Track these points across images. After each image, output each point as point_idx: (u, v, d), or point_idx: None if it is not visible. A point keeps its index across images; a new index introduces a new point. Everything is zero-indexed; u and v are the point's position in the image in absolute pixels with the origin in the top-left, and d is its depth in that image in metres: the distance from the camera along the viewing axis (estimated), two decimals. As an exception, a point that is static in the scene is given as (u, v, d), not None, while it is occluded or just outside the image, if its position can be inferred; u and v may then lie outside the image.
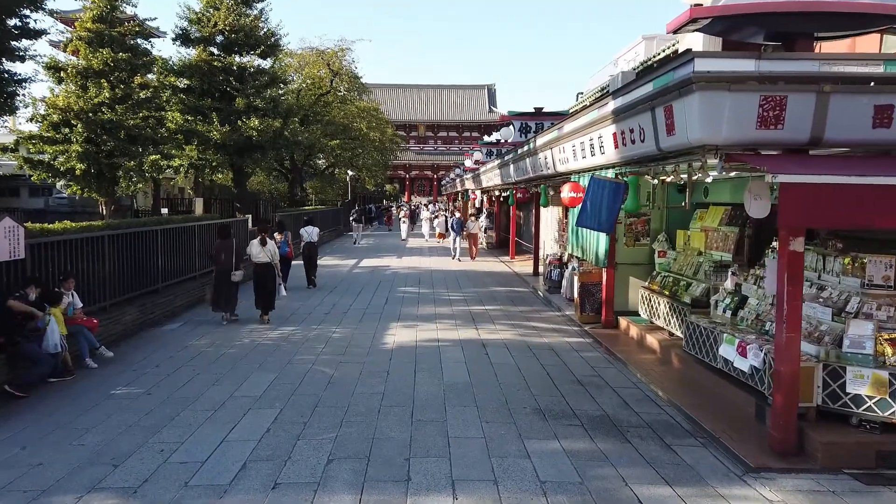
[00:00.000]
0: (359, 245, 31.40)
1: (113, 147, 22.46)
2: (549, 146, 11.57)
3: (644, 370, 8.81)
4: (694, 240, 10.27)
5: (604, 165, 9.15)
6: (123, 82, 23.06)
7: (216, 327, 11.46)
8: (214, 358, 9.26)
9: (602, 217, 8.78)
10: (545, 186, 13.94)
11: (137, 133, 22.75)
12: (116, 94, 22.46)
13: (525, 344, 10.31)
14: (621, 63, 58.17)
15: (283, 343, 10.20)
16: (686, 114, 5.76)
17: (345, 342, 10.27)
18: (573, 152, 10.07)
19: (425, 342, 10.32)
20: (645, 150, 6.99)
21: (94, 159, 22.35)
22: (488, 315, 12.86)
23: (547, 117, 18.59)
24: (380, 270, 20.58)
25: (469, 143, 73.25)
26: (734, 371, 7.25)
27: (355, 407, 7.10)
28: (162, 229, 12.92)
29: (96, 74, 22.57)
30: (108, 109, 21.90)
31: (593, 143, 8.86)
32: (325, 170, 42.85)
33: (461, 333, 11.01)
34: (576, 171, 10.66)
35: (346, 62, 36.30)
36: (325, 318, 12.39)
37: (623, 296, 11.88)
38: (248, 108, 24.83)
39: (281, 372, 8.51)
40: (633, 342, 10.61)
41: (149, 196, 37.47)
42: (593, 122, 8.53)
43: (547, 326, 11.84)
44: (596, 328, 11.64)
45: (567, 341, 10.61)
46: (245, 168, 27.04)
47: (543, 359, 9.37)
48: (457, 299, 14.83)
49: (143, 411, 6.95)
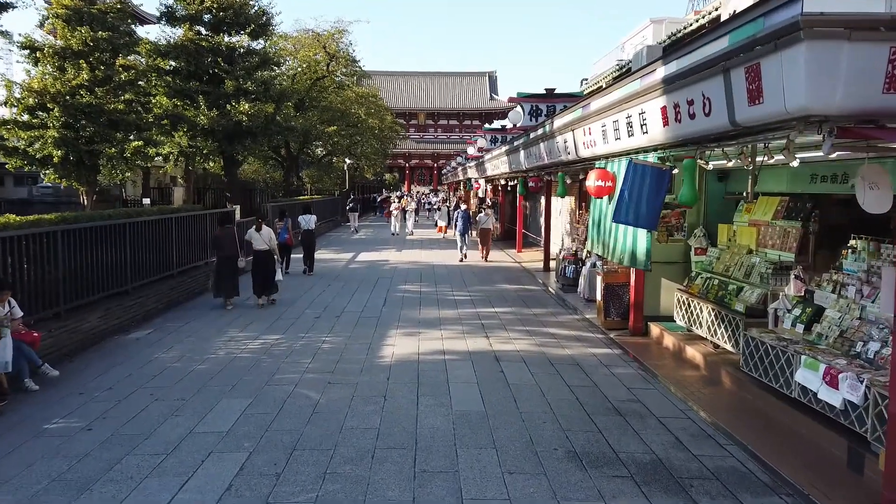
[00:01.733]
0: (356, 237, 29.94)
1: (93, 133, 20.91)
2: (570, 127, 10.08)
3: (691, 393, 7.38)
4: (742, 236, 8.81)
5: (642, 148, 7.66)
6: (104, 63, 21.57)
7: (189, 335, 10.03)
8: (181, 376, 7.83)
9: (642, 210, 7.31)
10: (563, 174, 12.46)
11: (119, 118, 21.26)
12: (97, 75, 20.96)
13: (545, 357, 8.87)
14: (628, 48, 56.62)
15: (263, 357, 8.76)
16: (784, 74, 4.28)
17: (335, 355, 8.83)
18: (602, 133, 8.58)
19: (429, 355, 8.88)
20: (709, 125, 5.52)
21: (73, 146, 20.81)
22: (499, 319, 11.42)
23: (559, 99, 17.08)
24: (378, 265, 19.12)
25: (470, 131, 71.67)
26: (817, 404, 5.82)
27: (343, 449, 5.67)
28: (132, 222, 11.44)
29: (75, 55, 21.04)
30: (86, 92, 20.41)
31: (631, 120, 7.38)
32: (322, 158, 41.28)
33: (470, 343, 9.57)
34: (604, 156, 9.18)
35: (342, 45, 34.65)
36: (315, 323, 10.95)
37: (654, 299, 10.44)
38: (237, 92, 23.26)
39: (257, 397, 7.07)
40: (670, 354, 9.18)
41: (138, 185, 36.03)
42: (632, 95, 7.05)
43: (566, 333, 10.40)
44: (623, 336, 10.21)
45: (592, 353, 9.17)
46: (236, 156, 25.49)
47: (569, 377, 7.93)
48: (462, 299, 13.39)
49: (76, 456, 5.52)
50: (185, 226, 14.03)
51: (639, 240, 7.83)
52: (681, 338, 9.30)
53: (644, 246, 7.74)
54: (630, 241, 8.08)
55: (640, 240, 7.80)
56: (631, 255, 8.03)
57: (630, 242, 8.08)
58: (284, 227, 16.68)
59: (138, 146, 21.36)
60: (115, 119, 21.08)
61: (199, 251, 14.92)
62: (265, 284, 12.59)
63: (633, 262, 8.04)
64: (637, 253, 7.89)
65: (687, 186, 6.50)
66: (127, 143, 21.41)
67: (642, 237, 7.76)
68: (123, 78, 22.13)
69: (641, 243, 7.79)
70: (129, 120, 21.51)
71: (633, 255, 7.98)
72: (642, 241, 7.77)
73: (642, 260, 7.78)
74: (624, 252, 8.24)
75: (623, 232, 8.30)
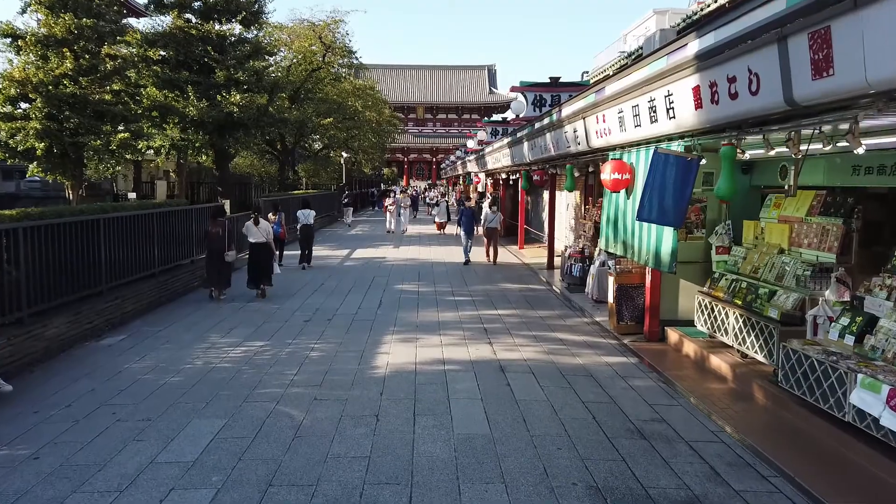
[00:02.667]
0: (352, 233, 29.12)
1: (77, 124, 20.05)
2: (580, 115, 9.27)
3: (721, 411, 6.58)
4: (772, 233, 7.99)
5: (666, 136, 6.85)
6: (89, 52, 20.71)
7: (167, 341, 9.21)
8: (150, 391, 7.01)
9: (667, 205, 6.50)
10: (571, 167, 11.63)
11: (105, 109, 20.39)
12: (82, 64, 20.09)
13: (555, 367, 8.05)
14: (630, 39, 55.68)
15: (244, 367, 7.94)
16: (866, 37, 3.46)
17: (324, 365, 8.01)
18: (618, 120, 7.77)
19: (428, 365, 8.06)
20: (757, 106, 4.70)
21: (57, 138, 19.92)
22: (503, 323, 10.61)
23: (565, 88, 16.26)
24: (374, 263, 18.30)
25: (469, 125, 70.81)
26: (878, 430, 5.02)
27: (327, 486, 4.85)
28: (107, 219, 10.60)
29: (58, 43, 20.16)
30: (70, 82, 19.52)
31: (655, 104, 6.57)
32: (319, 152, 40.38)
33: (472, 351, 8.75)
34: (620, 146, 8.36)
35: (339, 35, 33.71)
36: (305, 327, 10.13)
37: (671, 302, 9.64)
38: (228, 82, 22.41)
39: (233, 416, 6.26)
40: (691, 364, 8.37)
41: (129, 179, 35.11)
42: (657, 75, 6.23)
43: (577, 339, 9.60)
44: (638, 342, 9.41)
45: (606, 362, 8.37)
46: (228, 149, 24.61)
47: (583, 391, 7.13)
48: (463, 300, 12.58)
49: (11, 494, 4.71)
50: (168, 221, 13.18)
51: (664, 239, 7.00)
52: (703, 345, 8.49)
53: (669, 246, 6.91)
54: (653, 240, 7.26)
55: (666, 239, 6.98)
56: (655, 255, 7.21)
57: (653, 242, 7.25)
58: (277, 222, 16.45)
59: (125, 138, 20.49)
60: (100, 110, 20.23)
61: (184, 248, 14.09)
62: (261, 276, 12.76)
63: (658, 264, 7.21)
64: (661, 253, 7.06)
65: (726, 178, 5.67)
66: (113, 136, 20.57)
67: (668, 236, 6.94)
68: (109, 67, 21.31)
69: (667, 243, 6.96)
70: (116, 111, 20.66)
71: (657, 256, 7.16)
72: (668, 241, 6.94)
73: (667, 261, 6.95)
74: (648, 252, 7.41)
75: (646, 230, 7.47)
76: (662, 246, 7.03)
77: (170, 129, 22.70)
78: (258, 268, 12.77)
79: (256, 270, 12.78)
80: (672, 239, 6.88)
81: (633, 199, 8.09)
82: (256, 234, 12.83)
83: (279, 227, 16.40)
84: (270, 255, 13.06)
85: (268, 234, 12.98)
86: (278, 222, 16.49)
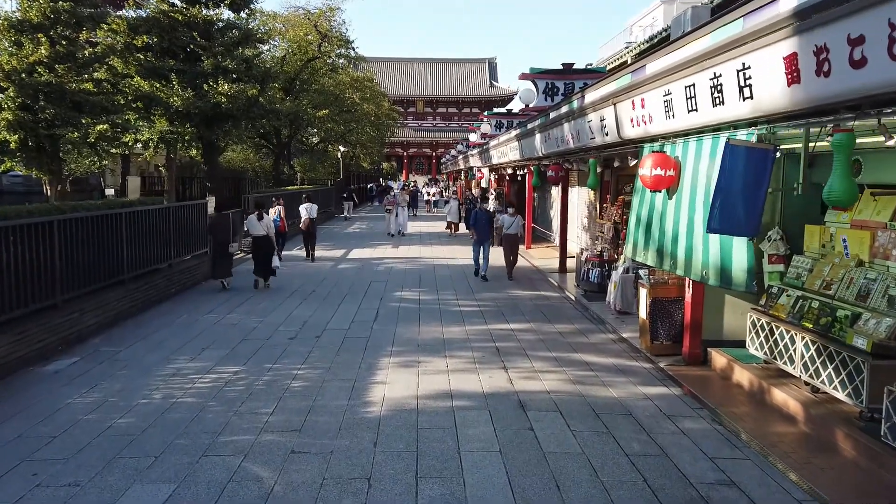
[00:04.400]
0: (350, 230, 27.76)
1: (54, 115, 18.66)
2: (610, 101, 7.89)
3: (801, 467, 5.22)
4: (851, 242, 6.63)
5: (731, 123, 5.48)
6: (66, 38, 19.32)
7: (125, 366, 7.85)
8: (90, 438, 5.66)
9: (739, 210, 5.14)
10: (594, 161, 10.24)
11: (84, 99, 19.00)
12: (58, 51, 18.69)
13: (585, 402, 6.70)
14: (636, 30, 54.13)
15: (211, 403, 6.58)
16: None
17: (307, 400, 6.65)
18: (664, 105, 6.39)
19: (432, 400, 6.70)
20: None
21: (31, 130, 18.54)
22: (517, 340, 9.25)
23: (580, 75, 14.89)
24: (371, 265, 16.93)
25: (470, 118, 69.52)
26: None
27: None
28: (63, 220, 9.24)
29: (33, 28, 18.75)
30: (45, 70, 18.11)
31: (720, 83, 5.19)
32: (316, 146, 38.96)
33: (485, 380, 7.39)
34: (663, 136, 6.99)
35: (335, 24, 32.26)
36: (289, 346, 8.78)
37: (716, 319, 8.29)
38: (216, 70, 20.98)
39: (185, 479, 4.90)
40: (747, 398, 7.01)
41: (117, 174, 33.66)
42: (726, 45, 4.86)
43: (605, 362, 8.24)
44: (676, 366, 8.06)
45: (645, 394, 7.01)
46: (217, 141, 23.18)
47: (625, 438, 5.78)
48: (470, 311, 11.22)
49: None
50: (141, 222, 11.82)
51: (734, 251, 5.57)
52: (759, 373, 7.14)
53: (744, 260, 5.47)
54: (716, 251, 5.84)
55: (737, 251, 5.55)
56: (719, 271, 5.79)
57: (716, 253, 5.83)
58: (277, 216, 17.14)
59: (103, 130, 19.06)
60: (79, 100, 18.84)
61: (161, 251, 12.73)
62: (265, 267, 13.42)
63: (724, 281, 5.77)
64: (731, 269, 5.63)
65: (841, 176, 4.26)
66: (92, 128, 19.17)
67: (739, 247, 5.52)
68: (88, 54, 19.91)
69: (739, 256, 5.53)
70: (96, 101, 19.25)
71: (723, 272, 5.73)
72: (740, 253, 5.51)
73: (742, 279, 5.51)
74: (705, 266, 6.01)
75: (701, 238, 6.07)
76: (733, 260, 5.61)
77: (157, 121, 21.33)
78: (260, 259, 13.46)
79: (259, 262, 13.47)
80: (746, 251, 5.48)
81: (676, 201, 6.73)
82: (258, 228, 13.49)
83: (279, 219, 17.14)
84: (271, 249, 13.61)
85: (269, 228, 13.67)
86: (277, 216, 17.16)
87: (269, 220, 13.92)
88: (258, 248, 13.57)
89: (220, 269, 13.57)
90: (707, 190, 5.98)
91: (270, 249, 13.64)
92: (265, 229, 13.58)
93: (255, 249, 13.68)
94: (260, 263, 13.52)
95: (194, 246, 14.75)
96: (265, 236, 13.57)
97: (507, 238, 14.68)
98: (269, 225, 13.82)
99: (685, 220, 6.45)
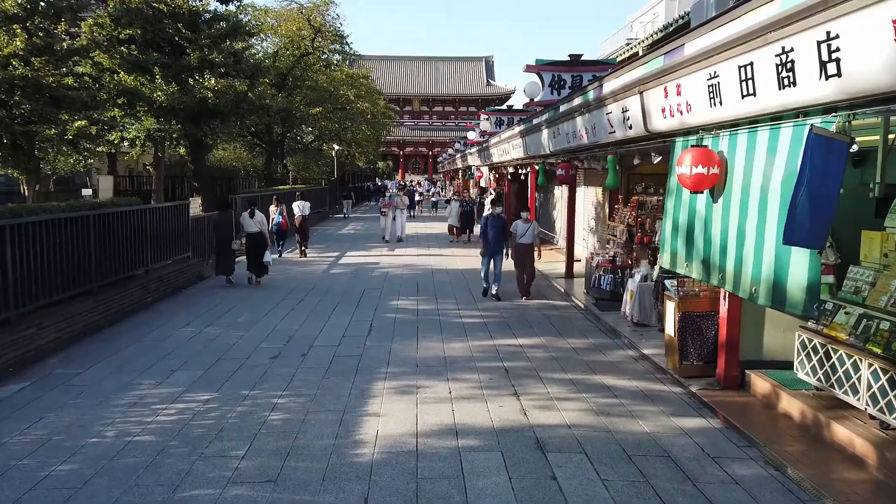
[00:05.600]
0: (343, 231, 26.73)
1: (30, 110, 17.62)
2: (635, 89, 6.90)
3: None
4: (923, 252, 5.66)
5: (800, 108, 4.49)
6: (44, 29, 18.29)
7: (80, 393, 6.82)
8: (18, 494, 4.64)
9: (808, 215, 4.15)
10: (614, 158, 9.23)
11: (62, 94, 17.96)
12: (35, 43, 17.69)
13: (613, 440, 5.70)
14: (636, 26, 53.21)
15: (172, 442, 5.55)
16: None
17: (286, 439, 5.64)
18: (708, 90, 5.41)
19: (434, 439, 5.69)
20: None
21: (6, 126, 17.52)
22: (527, 358, 8.26)
23: (589, 67, 13.93)
24: (366, 270, 15.92)
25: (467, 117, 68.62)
26: None
27: None
28: (15, 224, 8.21)
29: (9, 19, 17.72)
30: (21, 63, 17.07)
31: (791, 59, 4.21)
32: (310, 144, 37.89)
33: (495, 410, 6.38)
34: (705, 127, 5.99)
35: (329, 18, 31.21)
36: (270, 367, 7.76)
37: (755, 337, 7.31)
38: (202, 64, 19.92)
39: (126, 555, 3.91)
40: (800, 432, 6.02)
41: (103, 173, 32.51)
42: (807, 9, 3.88)
43: (629, 386, 7.25)
44: (711, 390, 7.08)
45: (681, 428, 6.02)
46: (203, 139, 22.09)
47: (666, 490, 4.78)
48: (473, 323, 10.23)
49: None
50: (113, 225, 10.81)
51: (793, 263, 4.53)
52: (812, 403, 6.16)
53: (805, 274, 4.43)
54: (768, 263, 4.79)
55: (797, 263, 4.49)
56: (770, 288, 4.75)
57: (768, 266, 4.78)
58: (279, 213, 17.78)
59: (82, 127, 17.99)
60: (57, 95, 17.80)
61: (136, 256, 11.72)
62: (258, 264, 13.67)
63: (777, 301, 4.72)
64: (786, 286, 4.60)
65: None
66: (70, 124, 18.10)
67: (801, 259, 4.46)
68: (66, 46, 18.85)
69: (799, 269, 4.47)
70: (75, 97, 18.20)
71: (776, 290, 4.70)
72: (801, 267, 4.45)
73: (799, 300, 4.48)
74: (755, 282, 4.98)
75: (752, 248, 5.06)
76: (790, 276, 4.56)
77: (144, 118, 20.27)
78: (253, 255, 13.70)
79: (253, 258, 13.71)
80: (808, 265, 4.45)
81: (723, 204, 5.73)
82: (251, 225, 13.67)
83: (280, 217, 17.76)
84: (265, 245, 13.80)
85: (262, 224, 13.81)
86: (280, 213, 17.77)
87: (261, 216, 13.98)
88: (252, 244, 13.75)
89: (224, 266, 13.86)
90: (764, 191, 4.99)
91: (264, 246, 13.80)
92: (258, 226, 13.72)
93: (248, 246, 13.84)
94: (253, 259, 13.69)
95: (175, 250, 13.74)
96: (259, 233, 13.73)
97: (520, 248, 12.33)
98: (262, 221, 13.91)
99: (734, 226, 5.46)
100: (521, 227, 12.42)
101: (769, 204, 4.88)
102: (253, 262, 13.74)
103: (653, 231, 11.69)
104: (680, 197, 6.60)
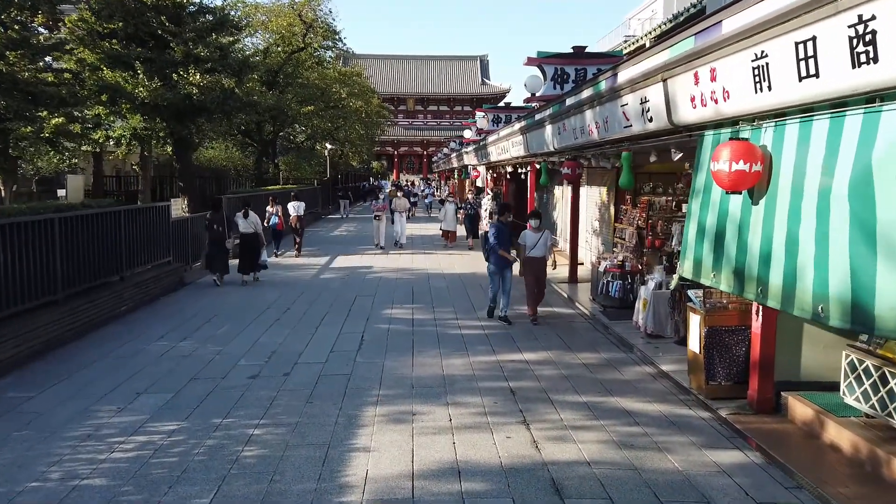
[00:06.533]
0: (335, 233, 25.89)
1: (5, 107, 16.78)
2: (658, 76, 6.12)
3: None
4: None
5: (880, 90, 3.70)
6: (20, 22, 17.46)
7: (29, 422, 5.98)
8: (-69, 558, 3.83)
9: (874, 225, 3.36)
10: (628, 154, 8.44)
11: (40, 90, 17.13)
12: (10, 36, 16.88)
13: (641, 481, 4.90)
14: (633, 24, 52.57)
15: (126, 488, 4.73)
16: None
17: (261, 482, 4.82)
18: (752, 74, 4.63)
19: (433, 482, 4.87)
20: None
21: (-21, 124, 16.72)
22: (535, 377, 7.46)
23: (594, 60, 13.14)
24: (358, 275, 15.09)
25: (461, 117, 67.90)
26: None
27: None
28: (-33, 229, 7.39)
29: (-18, 12, 16.90)
30: (-6, 57, 16.27)
31: (874, 28, 3.43)
32: (302, 143, 37.01)
33: (502, 444, 5.57)
34: (745, 117, 5.20)
35: (321, 13, 30.39)
36: (248, 389, 6.94)
37: (791, 354, 6.53)
38: (187, 59, 19.07)
39: None
40: (851, 466, 5.25)
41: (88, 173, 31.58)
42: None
43: (651, 410, 6.46)
44: (743, 415, 6.30)
45: (716, 463, 5.23)
46: (189, 137, 21.22)
47: (712, 550, 3.99)
48: (473, 335, 9.42)
49: None
50: (82, 229, 9.97)
51: (881, 276, 3.64)
52: (865, 433, 5.38)
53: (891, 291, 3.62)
54: (842, 276, 3.94)
55: (885, 276, 3.64)
56: (848, 307, 3.89)
57: (843, 280, 3.92)
58: (275, 213, 17.77)
59: (59, 124, 17.11)
60: (34, 91, 16.95)
61: (110, 262, 10.88)
62: (251, 263, 13.86)
63: (859, 321, 3.79)
64: (873, 305, 3.68)
65: None
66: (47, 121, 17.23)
67: (891, 269, 3.63)
68: (41, 39, 17.99)
69: (889, 284, 3.62)
70: (53, 93, 17.35)
71: (857, 309, 3.82)
72: (891, 280, 3.62)
73: (893, 319, 3.62)
74: (821, 299, 4.15)
75: (820, 260, 4.23)
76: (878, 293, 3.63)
77: (130, 116, 19.42)
78: (247, 255, 13.81)
79: (246, 258, 13.81)
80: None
81: (766, 207, 4.92)
82: (245, 225, 13.81)
83: (276, 217, 17.71)
84: (258, 245, 13.90)
85: (256, 225, 13.93)
86: (276, 214, 17.74)
87: (255, 217, 14.04)
88: (245, 245, 13.83)
89: (216, 265, 13.78)
90: (824, 193, 4.19)
91: (258, 245, 13.89)
92: (252, 226, 13.83)
93: (242, 246, 13.89)
94: (246, 259, 13.80)
95: (155, 254, 12.91)
96: (253, 233, 13.83)
97: (533, 263, 10.26)
98: (256, 222, 13.98)
99: (782, 234, 4.67)
100: (530, 237, 10.33)
101: (833, 208, 4.09)
102: (246, 262, 13.79)
103: (665, 234, 10.93)
104: (708, 198, 5.80)
